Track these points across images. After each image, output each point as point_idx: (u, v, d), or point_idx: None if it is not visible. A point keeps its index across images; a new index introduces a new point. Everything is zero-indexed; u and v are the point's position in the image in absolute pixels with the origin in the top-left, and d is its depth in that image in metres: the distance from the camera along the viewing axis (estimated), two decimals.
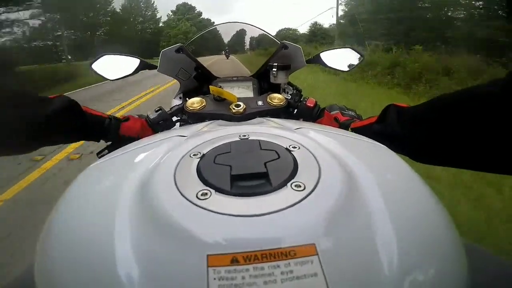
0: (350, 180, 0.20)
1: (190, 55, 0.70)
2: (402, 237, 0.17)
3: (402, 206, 0.19)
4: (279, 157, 0.22)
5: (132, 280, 0.15)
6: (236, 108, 0.54)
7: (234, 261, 0.14)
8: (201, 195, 0.18)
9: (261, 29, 0.88)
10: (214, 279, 0.13)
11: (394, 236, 0.17)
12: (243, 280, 0.13)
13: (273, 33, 1.01)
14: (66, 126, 0.42)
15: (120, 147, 0.33)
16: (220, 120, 0.50)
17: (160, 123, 0.58)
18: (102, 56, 0.71)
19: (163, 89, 6.80)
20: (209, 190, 0.18)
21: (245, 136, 0.27)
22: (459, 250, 0.19)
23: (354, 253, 0.15)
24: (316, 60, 0.75)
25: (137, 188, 0.20)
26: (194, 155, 0.23)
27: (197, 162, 0.22)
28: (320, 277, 0.13)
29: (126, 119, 0.55)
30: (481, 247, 0.30)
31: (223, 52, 1.07)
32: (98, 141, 0.53)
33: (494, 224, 1.38)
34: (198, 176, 0.20)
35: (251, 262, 0.14)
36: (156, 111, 0.58)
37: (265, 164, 0.21)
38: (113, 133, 0.53)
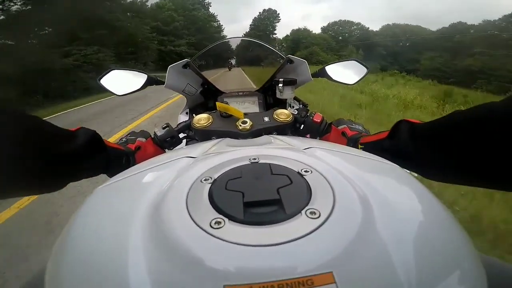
0: (365, 205, 0.19)
1: (197, 71, 0.71)
2: (421, 263, 0.16)
3: (418, 231, 0.19)
4: (291, 182, 0.22)
5: None
6: (243, 125, 0.54)
7: None
8: (215, 223, 0.18)
9: (266, 44, 0.90)
10: None
11: (412, 261, 0.16)
12: None
13: None
14: (91, 161, 0.40)
15: None
16: (228, 139, 0.50)
17: (167, 140, 0.59)
18: (110, 71, 0.72)
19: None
20: (223, 219, 0.18)
21: (255, 159, 0.27)
22: (478, 270, 0.18)
23: (372, 280, 0.15)
24: (321, 74, 0.75)
25: (149, 212, 0.20)
26: (205, 180, 0.23)
27: (208, 188, 0.22)
28: None
29: (138, 148, 0.55)
30: (502, 261, 0.29)
31: (228, 66, 1.08)
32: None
33: None
34: (211, 203, 0.20)
35: None
36: (163, 128, 0.59)
37: (277, 190, 0.21)
38: (131, 166, 0.52)
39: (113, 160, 0.47)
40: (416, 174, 0.37)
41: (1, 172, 0.27)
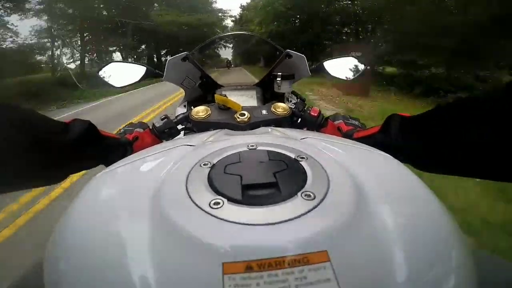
0: (358, 189, 0.20)
1: (195, 64, 0.72)
2: (411, 244, 0.17)
3: (409, 214, 0.20)
4: (287, 167, 0.23)
5: (148, 287, 0.15)
6: (240, 117, 0.55)
7: (249, 268, 0.15)
8: (214, 204, 0.19)
9: (264, 39, 0.90)
10: (230, 286, 0.14)
11: (402, 243, 0.17)
12: (258, 287, 0.14)
13: None
14: (88, 152, 0.41)
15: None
16: (226, 130, 0.51)
17: (165, 131, 0.59)
18: (110, 63, 0.73)
19: None
20: (221, 200, 0.19)
21: (253, 146, 0.27)
22: (467, 256, 0.19)
23: (364, 259, 0.16)
24: (319, 69, 0.76)
25: (150, 196, 0.21)
26: (204, 164, 0.24)
27: (207, 172, 0.23)
28: (333, 282, 0.14)
29: (136, 138, 0.55)
30: (489, 254, 0.30)
31: (226, 63, 1.08)
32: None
33: None
34: (210, 185, 0.21)
35: (265, 269, 0.14)
36: (162, 119, 0.60)
37: (274, 174, 0.22)
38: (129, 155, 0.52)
39: (110, 150, 0.48)
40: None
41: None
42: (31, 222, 1.73)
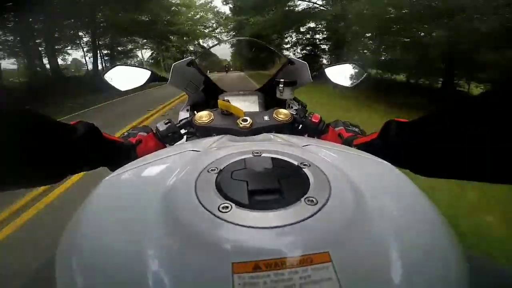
0: (358, 195, 0.21)
1: (199, 69, 0.73)
2: (407, 246, 0.19)
3: (405, 219, 0.21)
4: (291, 174, 0.24)
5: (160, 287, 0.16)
6: (243, 122, 0.56)
7: (257, 268, 0.16)
8: (222, 208, 0.20)
9: (267, 45, 0.92)
10: (239, 284, 0.15)
11: (399, 245, 0.19)
12: (265, 285, 0.15)
13: None
14: (90, 154, 0.42)
15: None
16: (229, 135, 0.52)
17: (168, 136, 0.60)
18: (115, 67, 0.74)
19: None
20: (230, 204, 0.20)
21: (257, 153, 0.28)
22: (461, 258, 0.20)
23: (363, 260, 0.17)
24: (321, 76, 0.77)
25: (159, 200, 0.22)
26: (212, 170, 0.25)
27: (215, 177, 0.24)
28: (334, 281, 0.15)
29: (139, 141, 0.56)
30: (483, 257, 0.31)
31: (224, 67, 1.09)
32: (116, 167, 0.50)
33: None
34: (218, 190, 0.22)
35: (272, 268, 0.16)
36: (166, 124, 0.61)
37: (279, 180, 0.23)
38: (132, 159, 0.53)
39: (114, 153, 0.49)
40: (406, 171, 0.39)
41: (2, 165, 0.28)
42: None
